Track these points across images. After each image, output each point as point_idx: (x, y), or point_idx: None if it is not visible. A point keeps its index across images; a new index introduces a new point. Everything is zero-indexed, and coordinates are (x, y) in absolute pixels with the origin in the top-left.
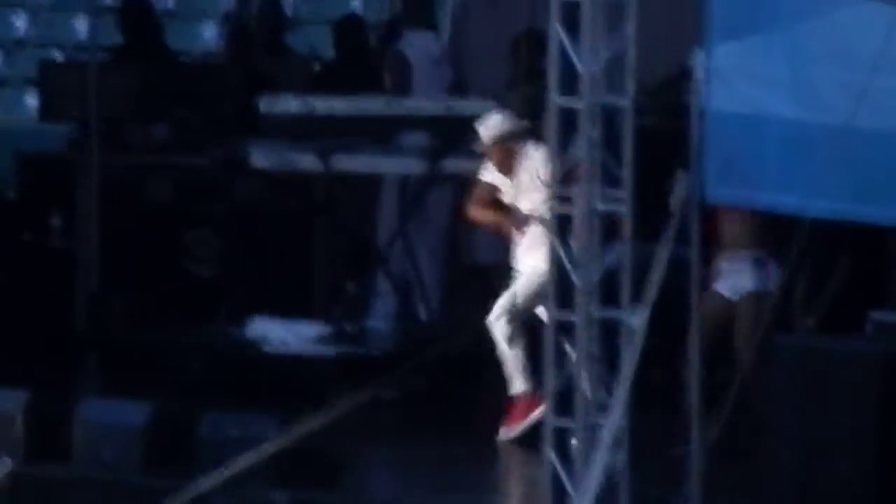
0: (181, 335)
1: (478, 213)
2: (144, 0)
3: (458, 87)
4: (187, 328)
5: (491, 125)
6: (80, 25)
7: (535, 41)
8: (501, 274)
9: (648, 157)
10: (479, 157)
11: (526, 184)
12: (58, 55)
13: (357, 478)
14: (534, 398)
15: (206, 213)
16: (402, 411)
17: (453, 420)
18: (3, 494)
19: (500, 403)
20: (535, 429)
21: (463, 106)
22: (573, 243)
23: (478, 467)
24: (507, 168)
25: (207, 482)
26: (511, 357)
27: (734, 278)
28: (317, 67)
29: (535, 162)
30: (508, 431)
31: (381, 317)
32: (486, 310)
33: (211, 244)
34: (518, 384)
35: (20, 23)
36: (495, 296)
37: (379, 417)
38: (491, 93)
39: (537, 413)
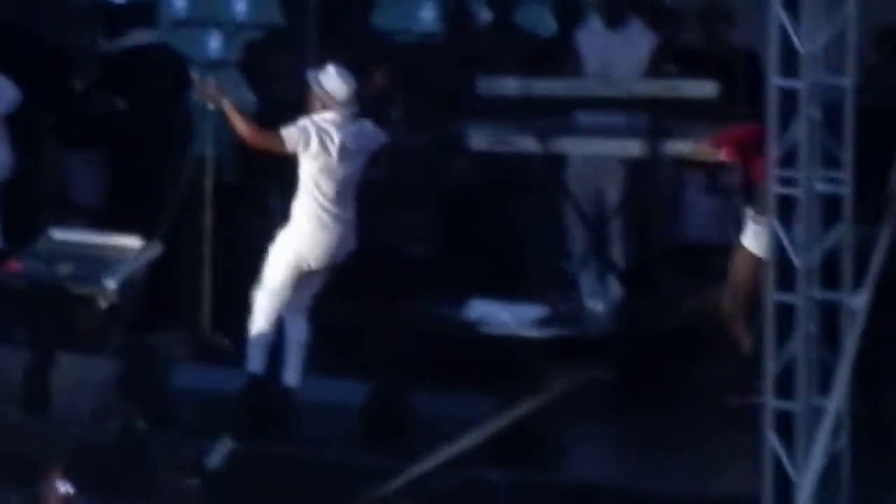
0: (396, 314)
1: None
2: None
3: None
4: (402, 308)
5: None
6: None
7: None
8: (715, 252)
9: (869, 138)
10: (698, 138)
11: None
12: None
13: (575, 459)
14: None
15: (422, 193)
16: (619, 392)
17: (670, 400)
18: (223, 474)
19: (718, 383)
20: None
21: (683, 86)
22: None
23: (696, 449)
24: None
25: (427, 463)
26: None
27: None
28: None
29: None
30: None
31: (595, 297)
32: (701, 289)
33: (428, 224)
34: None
35: (240, 6)
36: (708, 275)
37: (596, 398)
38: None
39: None
